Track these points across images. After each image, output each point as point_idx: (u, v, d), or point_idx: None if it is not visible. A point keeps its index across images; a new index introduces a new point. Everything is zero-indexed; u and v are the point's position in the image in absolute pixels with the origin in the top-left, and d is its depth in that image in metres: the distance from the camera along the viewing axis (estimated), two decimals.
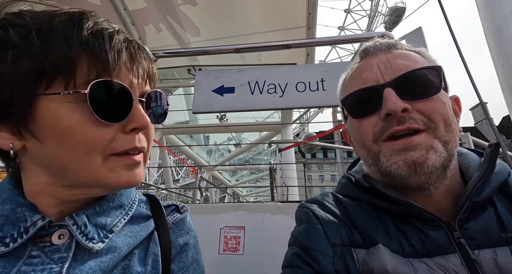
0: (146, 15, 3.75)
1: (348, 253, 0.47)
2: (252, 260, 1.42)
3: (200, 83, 1.63)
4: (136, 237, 0.44)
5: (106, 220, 0.41)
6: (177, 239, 0.50)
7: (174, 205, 0.55)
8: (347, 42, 1.81)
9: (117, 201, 0.44)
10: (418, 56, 0.53)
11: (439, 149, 0.46)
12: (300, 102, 1.51)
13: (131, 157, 0.39)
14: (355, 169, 0.65)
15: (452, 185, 0.50)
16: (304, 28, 3.28)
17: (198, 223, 1.58)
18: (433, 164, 0.45)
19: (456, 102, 0.55)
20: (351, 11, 18.85)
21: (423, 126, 0.46)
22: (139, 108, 0.39)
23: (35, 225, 0.35)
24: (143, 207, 0.50)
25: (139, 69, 0.40)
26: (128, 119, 0.38)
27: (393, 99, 0.47)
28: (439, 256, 0.44)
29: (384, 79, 0.50)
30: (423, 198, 0.49)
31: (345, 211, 0.54)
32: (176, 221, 0.52)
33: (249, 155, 12.20)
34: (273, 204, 1.57)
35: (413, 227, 0.47)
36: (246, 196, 13.46)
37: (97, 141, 0.35)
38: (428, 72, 0.49)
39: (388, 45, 0.54)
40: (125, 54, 0.38)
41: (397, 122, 0.47)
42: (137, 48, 0.41)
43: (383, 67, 0.51)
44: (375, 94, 0.49)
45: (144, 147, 0.41)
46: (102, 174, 0.36)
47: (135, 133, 0.39)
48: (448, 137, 0.47)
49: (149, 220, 0.49)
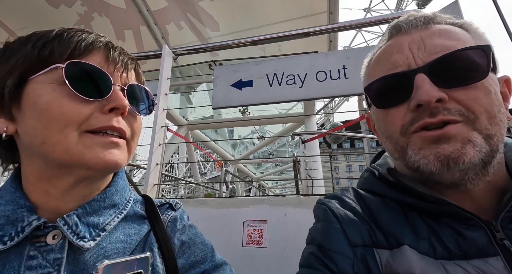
0: (167, 14, 3.84)
1: (370, 254, 0.44)
2: (276, 253, 1.42)
3: (219, 78, 1.63)
4: (127, 242, 0.45)
5: (99, 219, 0.43)
6: (176, 236, 0.51)
7: (168, 203, 0.56)
8: (371, 25, 1.67)
9: (109, 200, 0.45)
10: (461, 32, 0.45)
11: (479, 142, 0.39)
12: (321, 92, 1.45)
13: (108, 136, 0.41)
14: (379, 161, 0.60)
15: (495, 179, 0.43)
16: (326, 13, 3.12)
17: (221, 216, 1.64)
18: (471, 160, 0.38)
19: (507, 84, 0.46)
20: None
21: (459, 117, 0.40)
22: (118, 92, 0.42)
23: (31, 224, 0.37)
24: (138, 207, 0.51)
25: (117, 63, 0.44)
26: (106, 100, 0.41)
27: (426, 88, 0.40)
28: (477, 259, 0.39)
29: (417, 64, 0.43)
30: (458, 194, 0.44)
31: (367, 208, 0.50)
32: (172, 219, 0.53)
33: (273, 147, 12.18)
34: (296, 198, 1.55)
35: (446, 226, 0.42)
36: (272, 188, 13.53)
37: (72, 114, 0.38)
38: (472, 54, 0.40)
39: (424, 20, 0.46)
40: (102, 46, 0.43)
41: (429, 113, 0.41)
42: (116, 47, 0.45)
43: (416, 48, 0.44)
44: (405, 81, 0.43)
45: (124, 131, 0.42)
46: (79, 150, 0.38)
47: (113, 114, 0.41)
48: (493, 130, 0.40)
49: (143, 222, 0.50)
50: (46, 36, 0.41)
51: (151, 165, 1.91)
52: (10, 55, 0.40)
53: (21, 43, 0.41)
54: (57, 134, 0.37)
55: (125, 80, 0.45)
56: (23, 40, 0.42)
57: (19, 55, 0.40)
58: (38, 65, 0.39)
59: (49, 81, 0.39)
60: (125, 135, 0.43)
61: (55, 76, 0.39)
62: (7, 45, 0.42)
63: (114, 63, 0.43)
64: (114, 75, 0.43)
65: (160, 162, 2.01)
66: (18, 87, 0.39)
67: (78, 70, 0.39)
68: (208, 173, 13.14)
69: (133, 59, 0.49)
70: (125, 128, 0.43)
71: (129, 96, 0.45)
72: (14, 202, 0.39)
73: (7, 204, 0.39)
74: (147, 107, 0.49)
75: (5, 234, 0.37)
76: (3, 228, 0.37)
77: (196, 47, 2.24)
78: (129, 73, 0.46)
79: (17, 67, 0.39)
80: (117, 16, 3.82)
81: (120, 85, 0.43)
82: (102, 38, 0.44)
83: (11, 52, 0.41)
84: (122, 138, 0.43)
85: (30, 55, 0.39)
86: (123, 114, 0.43)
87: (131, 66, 0.47)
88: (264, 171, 12.64)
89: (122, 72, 0.44)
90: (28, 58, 0.39)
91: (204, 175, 12.66)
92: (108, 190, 0.46)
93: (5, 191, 0.41)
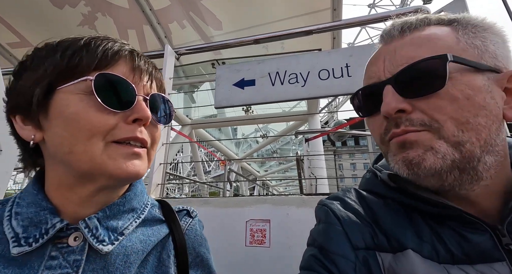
0: (170, 13, 3.84)
1: (373, 257, 0.43)
2: (279, 253, 1.42)
3: (221, 77, 1.63)
4: (146, 243, 0.45)
5: (118, 223, 0.43)
6: (194, 246, 0.52)
7: (185, 210, 0.57)
8: (375, 21, 1.64)
9: (128, 205, 0.46)
10: (443, 33, 0.43)
11: (442, 150, 0.39)
12: (324, 91, 1.43)
13: (131, 147, 0.41)
14: (381, 162, 0.59)
15: (497, 183, 0.42)
16: (329, 10, 3.08)
17: (224, 216, 1.64)
18: (431, 166, 0.39)
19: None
20: None
21: (421, 127, 0.40)
22: (141, 103, 0.43)
23: (54, 227, 0.38)
24: (156, 211, 0.52)
25: (142, 72, 0.45)
26: (130, 111, 0.41)
27: (386, 100, 0.42)
28: (482, 264, 0.38)
29: (385, 75, 0.44)
30: (460, 198, 0.43)
31: (369, 210, 0.50)
32: (190, 227, 0.54)
33: (276, 145, 12.16)
34: (299, 197, 1.55)
35: (450, 229, 0.42)
36: (275, 186, 13.53)
37: (99, 125, 0.39)
38: (430, 64, 0.40)
39: (401, 28, 0.46)
40: (128, 55, 0.44)
41: (394, 124, 0.42)
42: (140, 55, 0.46)
43: (388, 60, 0.45)
44: (377, 92, 0.44)
45: (146, 141, 0.43)
46: (103, 160, 0.39)
47: (137, 125, 0.42)
48: (464, 136, 0.38)
49: (162, 224, 0.50)
50: (74, 45, 0.41)
51: (155, 165, 1.93)
52: (39, 63, 0.41)
53: (49, 51, 0.42)
54: (84, 144, 0.38)
55: (147, 90, 0.46)
56: (51, 48, 0.42)
57: (48, 64, 0.40)
58: (67, 75, 0.40)
59: (76, 91, 0.39)
60: (146, 144, 0.44)
61: (82, 87, 0.40)
62: (35, 53, 0.43)
63: (139, 73, 0.44)
64: (138, 85, 0.44)
65: (163, 161, 2.02)
66: (47, 96, 0.40)
67: (105, 82, 0.40)
68: (212, 171, 13.20)
69: (156, 68, 0.49)
70: (146, 138, 0.44)
71: (151, 106, 0.45)
72: (37, 204, 0.40)
73: (29, 206, 0.40)
74: (167, 115, 0.50)
75: (29, 235, 0.38)
76: (27, 230, 0.38)
77: (198, 46, 2.23)
78: (152, 83, 0.47)
79: (46, 76, 0.40)
80: (120, 16, 3.84)
81: (143, 96, 0.44)
82: (126, 47, 0.45)
83: (40, 60, 0.41)
84: (143, 147, 0.44)
85: (59, 65, 0.40)
86: (145, 125, 0.43)
87: (155, 75, 0.48)
88: (268, 169, 12.64)
89: (146, 82, 0.45)
90: (57, 68, 0.40)
91: (208, 173, 12.72)
92: (127, 194, 0.47)
93: (27, 193, 0.42)
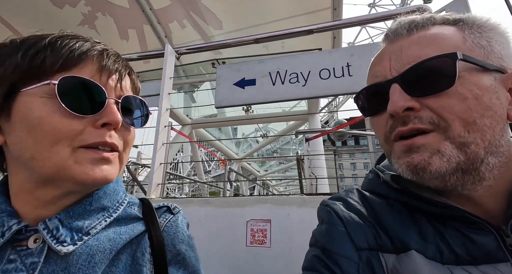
0: (170, 12, 3.84)
1: (376, 258, 0.43)
2: (280, 253, 1.42)
3: (221, 77, 1.62)
4: (116, 241, 0.43)
5: (84, 222, 0.42)
6: (175, 243, 0.49)
7: (166, 206, 0.55)
8: (375, 21, 1.64)
9: (97, 203, 0.44)
10: (450, 32, 0.43)
11: (448, 153, 0.38)
12: (325, 91, 1.43)
13: (100, 152, 0.40)
14: (384, 163, 0.59)
15: (501, 183, 0.42)
16: (330, 9, 3.08)
17: (225, 216, 1.64)
18: (437, 170, 0.38)
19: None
20: None
21: (430, 126, 0.40)
22: (112, 106, 0.41)
23: (10, 229, 0.37)
24: (134, 209, 0.50)
25: (113, 73, 0.43)
26: (99, 115, 0.40)
27: (394, 98, 0.41)
28: (486, 265, 0.38)
29: (392, 74, 0.44)
30: (464, 198, 0.43)
31: (372, 210, 0.49)
32: (170, 224, 0.51)
33: (277, 145, 12.16)
34: (299, 197, 1.55)
35: (454, 230, 0.41)
36: (276, 186, 13.53)
37: (64, 131, 0.37)
38: (439, 62, 0.40)
39: (409, 27, 0.46)
40: (97, 55, 0.41)
41: (402, 122, 0.42)
42: (111, 55, 0.43)
43: (394, 59, 0.45)
44: (382, 91, 0.44)
45: (117, 145, 0.42)
46: (68, 164, 0.37)
47: (106, 129, 0.40)
48: (470, 137, 0.38)
49: (138, 222, 0.48)
50: (38, 43, 0.39)
51: (155, 165, 1.92)
52: (0, 62, 0.39)
53: (13, 49, 0.39)
54: (48, 150, 0.37)
55: (119, 92, 0.44)
56: (15, 45, 0.40)
57: (9, 64, 0.38)
58: (29, 76, 0.38)
59: (40, 94, 0.37)
60: (117, 148, 0.42)
61: (46, 89, 0.38)
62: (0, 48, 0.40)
63: (108, 73, 0.42)
64: (108, 87, 0.42)
65: (164, 161, 2.02)
66: (8, 98, 0.38)
67: (71, 85, 0.38)
68: (212, 171, 13.20)
69: (128, 66, 0.47)
70: (117, 142, 0.42)
71: (123, 109, 0.44)
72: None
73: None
74: (142, 118, 0.49)
75: None
76: None
77: (199, 46, 2.23)
78: (123, 83, 0.45)
79: (7, 77, 0.37)
80: (120, 15, 3.83)
81: (114, 99, 0.42)
82: (97, 46, 0.42)
83: (1, 58, 0.39)
84: (114, 150, 0.42)
85: (21, 65, 0.37)
86: (116, 128, 0.42)
87: (126, 74, 0.46)
88: (268, 168, 12.64)
89: (117, 83, 0.43)
90: (19, 68, 0.37)
91: (209, 173, 12.72)
92: (96, 193, 0.45)
93: None
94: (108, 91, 0.41)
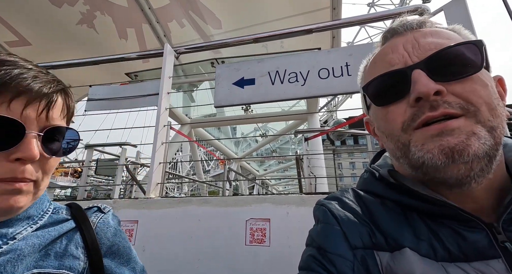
0: (170, 11, 3.84)
1: (371, 257, 0.43)
2: (279, 252, 1.43)
3: (221, 76, 1.63)
4: (45, 237, 0.45)
5: (8, 230, 0.43)
6: (107, 236, 0.53)
7: (96, 207, 0.58)
8: (374, 20, 1.64)
9: (23, 213, 0.46)
10: (451, 33, 0.47)
11: (483, 135, 0.38)
12: (324, 90, 1.43)
13: (12, 183, 0.40)
14: (379, 162, 0.59)
15: (495, 180, 0.43)
16: (329, 9, 3.08)
17: (224, 215, 1.64)
18: (476, 152, 0.38)
19: (500, 84, 0.47)
20: None
21: (460, 110, 0.39)
22: (30, 141, 0.40)
23: None
24: (62, 213, 0.52)
25: (37, 104, 0.41)
26: (15, 148, 0.39)
27: (423, 81, 0.41)
28: (478, 261, 0.38)
29: (413, 60, 0.44)
30: (460, 195, 0.43)
31: (367, 209, 0.50)
32: (101, 220, 0.54)
33: (276, 145, 12.17)
34: (298, 196, 1.55)
35: (447, 227, 0.42)
36: (275, 185, 13.55)
37: None
38: (465, 49, 0.42)
39: (418, 22, 0.48)
40: (23, 85, 0.39)
41: (430, 107, 0.40)
42: (44, 81, 0.42)
43: (411, 47, 0.45)
44: (403, 78, 0.44)
45: (29, 178, 0.41)
46: None
47: (19, 163, 0.40)
48: (495, 122, 0.40)
49: (67, 222, 0.51)
50: None
51: (154, 164, 1.93)
52: None
53: None
54: None
55: (44, 123, 0.42)
56: None
57: None
58: None
59: None
60: (31, 179, 0.42)
61: None
62: None
63: (32, 104, 0.41)
64: (29, 120, 0.40)
65: (163, 161, 2.02)
66: None
67: None
68: (211, 170, 13.20)
69: (62, 90, 0.46)
70: (31, 175, 0.41)
71: (46, 140, 0.43)
72: None
73: None
74: (69, 146, 0.48)
75: None
76: None
77: (198, 45, 2.23)
78: (50, 112, 0.43)
79: None
80: (119, 15, 3.83)
81: (35, 133, 0.41)
82: (26, 74, 0.40)
83: None
84: (29, 180, 0.41)
85: None
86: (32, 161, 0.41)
87: (56, 101, 0.44)
88: (267, 168, 12.65)
89: (41, 113, 0.42)
90: None
91: (208, 172, 12.72)
92: None
93: None
94: (29, 124, 0.40)
